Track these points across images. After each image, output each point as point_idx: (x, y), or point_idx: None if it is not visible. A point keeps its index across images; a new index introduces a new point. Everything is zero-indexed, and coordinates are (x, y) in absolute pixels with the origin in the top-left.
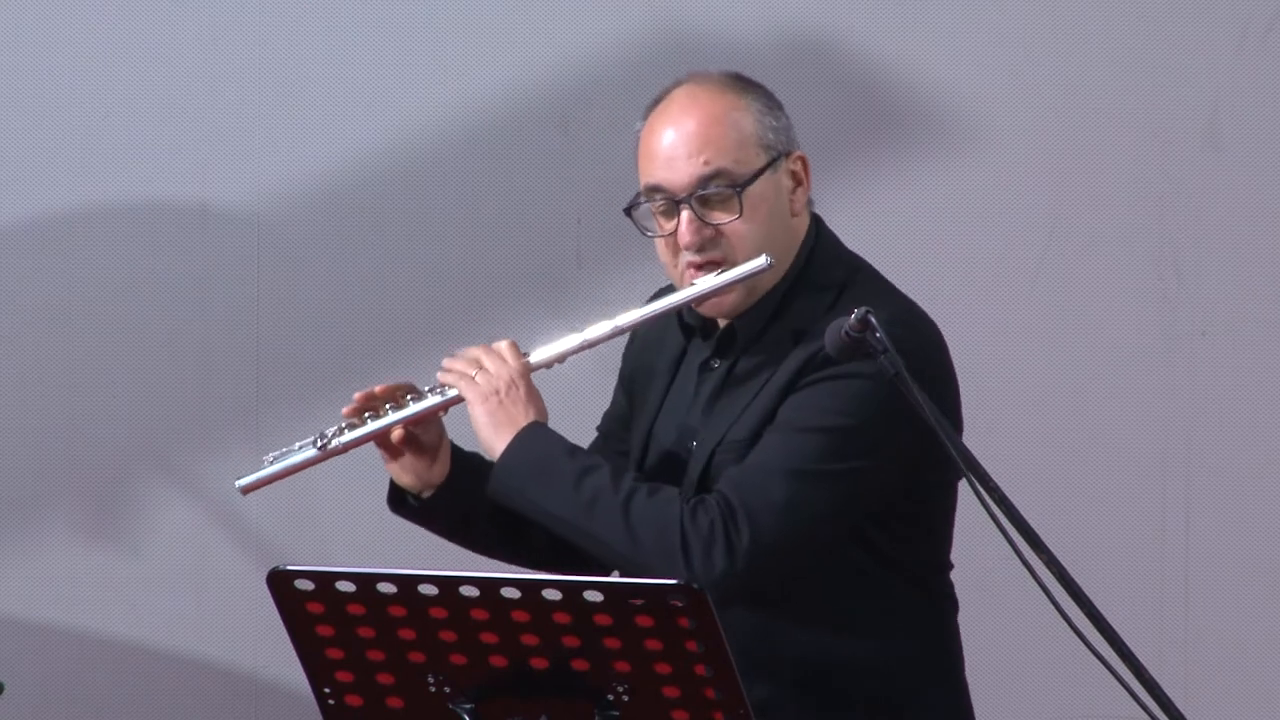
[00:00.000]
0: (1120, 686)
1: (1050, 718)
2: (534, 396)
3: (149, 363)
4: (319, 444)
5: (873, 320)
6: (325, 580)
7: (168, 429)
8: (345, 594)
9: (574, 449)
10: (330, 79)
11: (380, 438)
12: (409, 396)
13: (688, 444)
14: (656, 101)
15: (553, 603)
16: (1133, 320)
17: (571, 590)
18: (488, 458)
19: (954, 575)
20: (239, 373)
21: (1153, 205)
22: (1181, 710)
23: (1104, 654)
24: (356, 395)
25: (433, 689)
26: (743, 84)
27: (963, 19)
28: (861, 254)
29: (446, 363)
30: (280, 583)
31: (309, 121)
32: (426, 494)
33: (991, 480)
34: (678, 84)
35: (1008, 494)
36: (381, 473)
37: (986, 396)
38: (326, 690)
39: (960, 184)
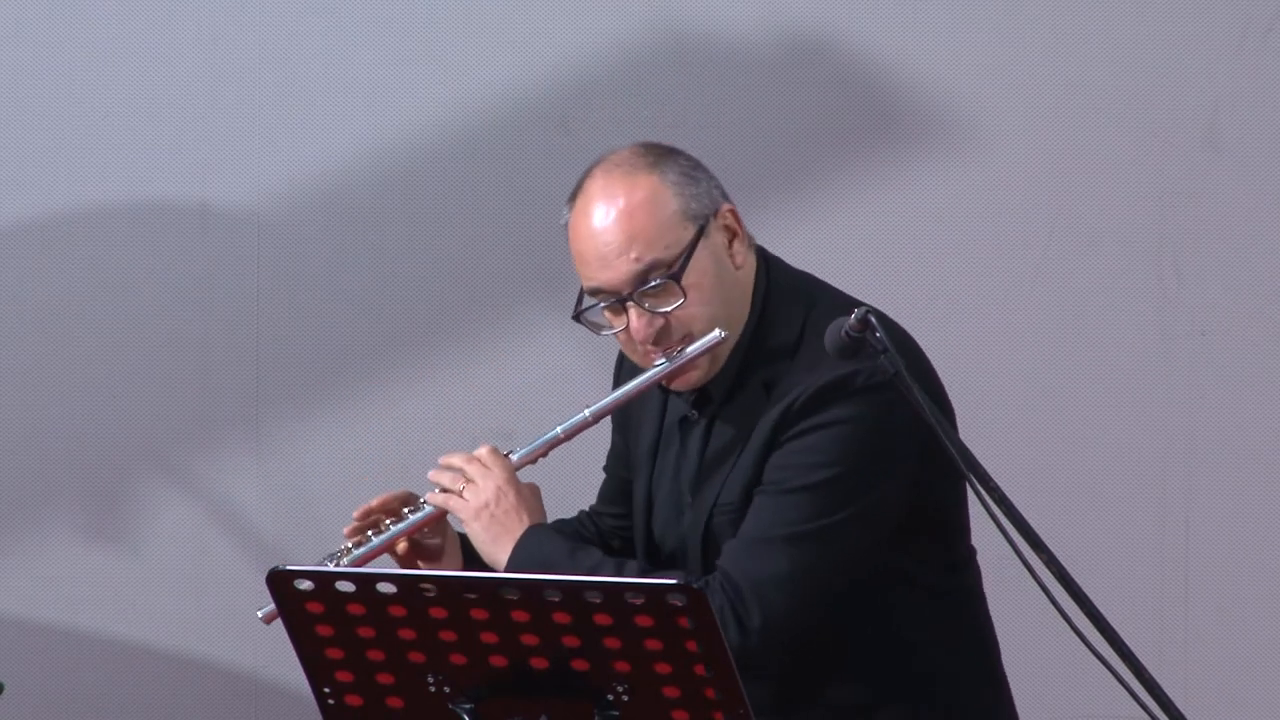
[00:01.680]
0: (1120, 686)
1: (1050, 717)
2: (524, 498)
3: (149, 363)
4: (328, 566)
5: (872, 320)
6: (325, 580)
7: (168, 429)
8: (345, 594)
9: (574, 549)
10: (330, 79)
11: (388, 550)
12: (406, 509)
13: (685, 496)
14: (574, 195)
15: (552, 603)
16: (1132, 320)
17: (571, 590)
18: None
19: None
20: (239, 373)
21: (1152, 205)
22: (1181, 710)
23: (1104, 654)
24: (355, 514)
25: (433, 689)
26: (654, 157)
27: (962, 19)
28: (860, 257)
29: (439, 466)
30: (280, 583)
31: (309, 121)
32: None
33: (991, 480)
34: (589, 174)
35: (1007, 493)
36: (383, 473)
37: (986, 396)
38: (326, 690)
39: (960, 184)
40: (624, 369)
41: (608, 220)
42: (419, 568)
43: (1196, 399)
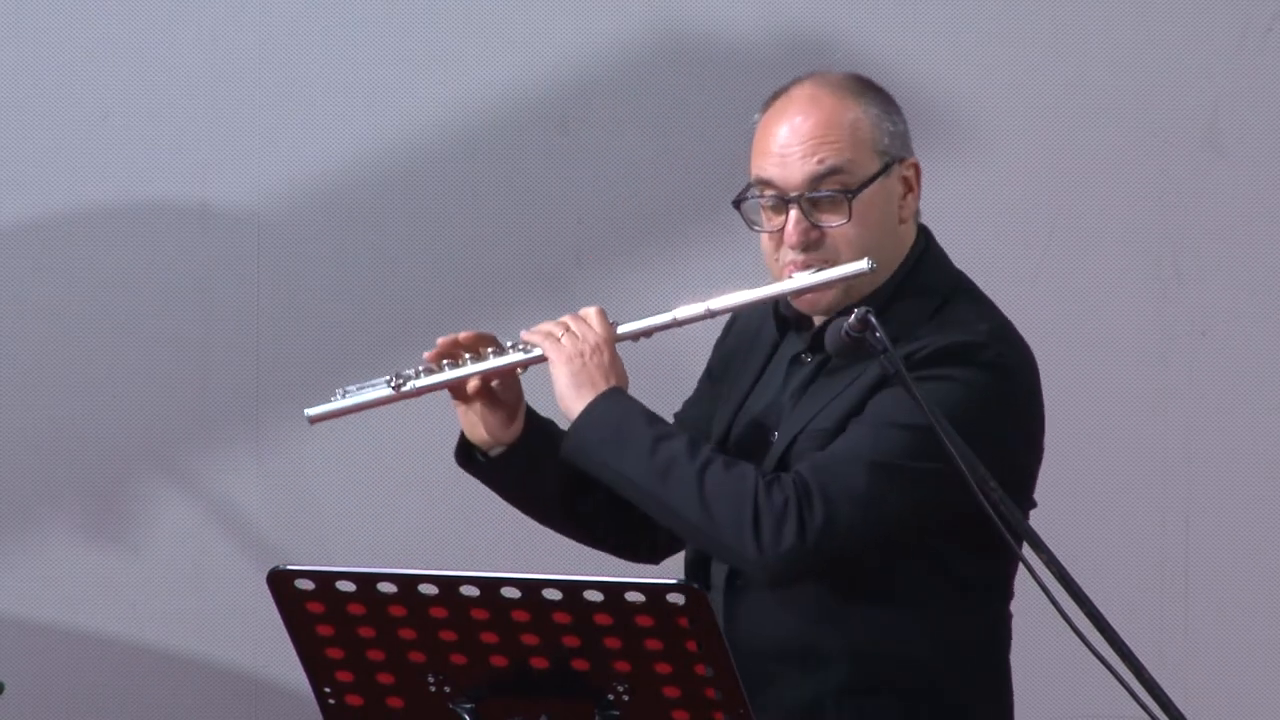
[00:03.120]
0: (1120, 686)
1: (1050, 717)
2: (617, 364)
3: (149, 363)
4: (394, 384)
5: (872, 320)
6: (325, 580)
7: (168, 428)
8: (345, 594)
9: (653, 416)
10: (330, 78)
11: (455, 386)
12: (490, 350)
13: (770, 433)
14: (775, 96)
15: (553, 602)
16: (1132, 320)
17: (571, 590)
18: (562, 425)
19: None
20: (239, 372)
21: (1152, 205)
22: (1181, 710)
23: (1104, 654)
24: (440, 340)
25: (433, 689)
26: (863, 86)
27: (963, 19)
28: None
29: (526, 333)
30: (280, 582)
31: (309, 121)
32: (495, 451)
33: (991, 479)
34: (798, 81)
35: (1006, 493)
36: (385, 472)
37: None
38: (327, 690)
39: (960, 184)
40: (730, 339)
41: (805, 123)
42: (480, 419)
43: (1197, 399)
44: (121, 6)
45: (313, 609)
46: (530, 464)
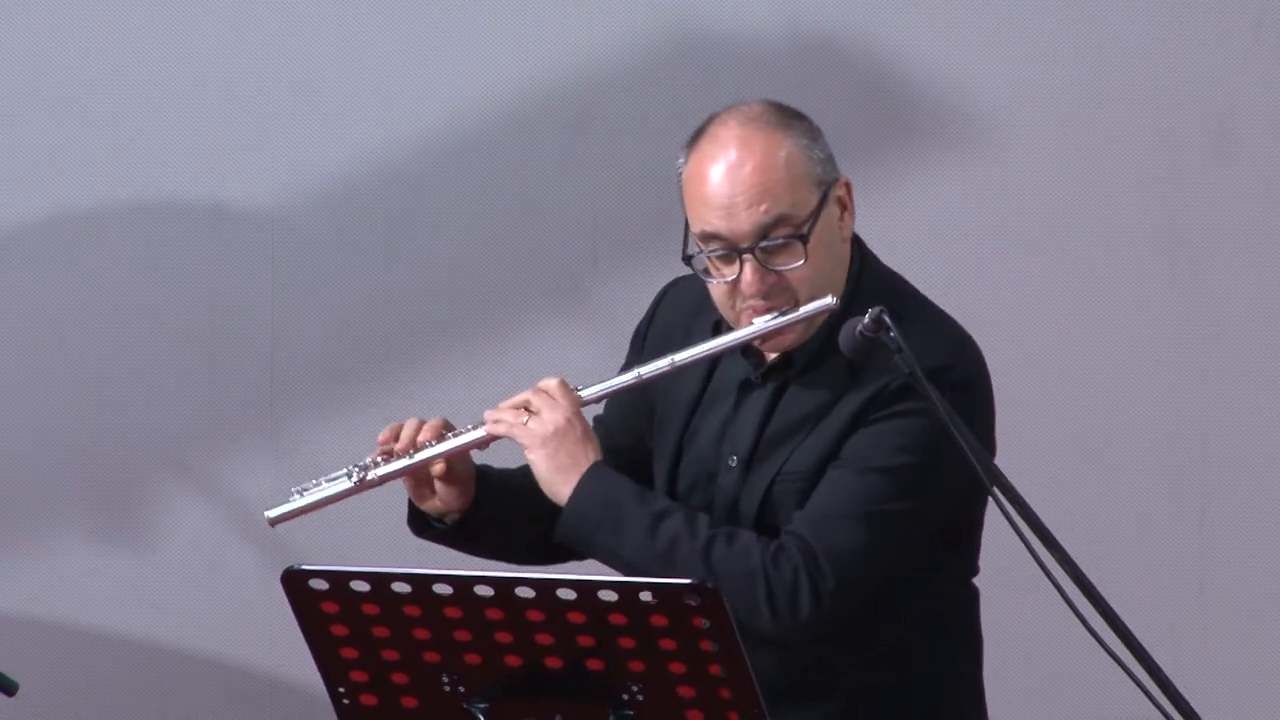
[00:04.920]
0: (1136, 687)
1: (1064, 717)
2: (589, 435)
3: (164, 363)
4: (355, 476)
5: (887, 320)
6: (340, 580)
7: (183, 429)
8: (360, 594)
9: (641, 491)
10: (345, 79)
11: (418, 471)
12: (448, 433)
13: (727, 458)
14: (698, 137)
15: (567, 602)
16: (1145, 320)
17: (586, 590)
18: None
19: None
20: (254, 373)
21: (1165, 205)
22: (1197, 711)
23: (1119, 654)
24: (394, 438)
25: (447, 689)
26: (786, 117)
27: (975, 20)
28: (874, 254)
29: (491, 414)
30: (295, 582)
31: (324, 122)
32: (451, 518)
33: (1006, 479)
34: (720, 120)
35: (1021, 494)
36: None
37: (999, 396)
38: (341, 690)
39: (973, 184)
40: (655, 325)
41: (742, 170)
42: (434, 494)
43: (1210, 400)
44: (136, 6)
45: (327, 609)
46: (489, 521)
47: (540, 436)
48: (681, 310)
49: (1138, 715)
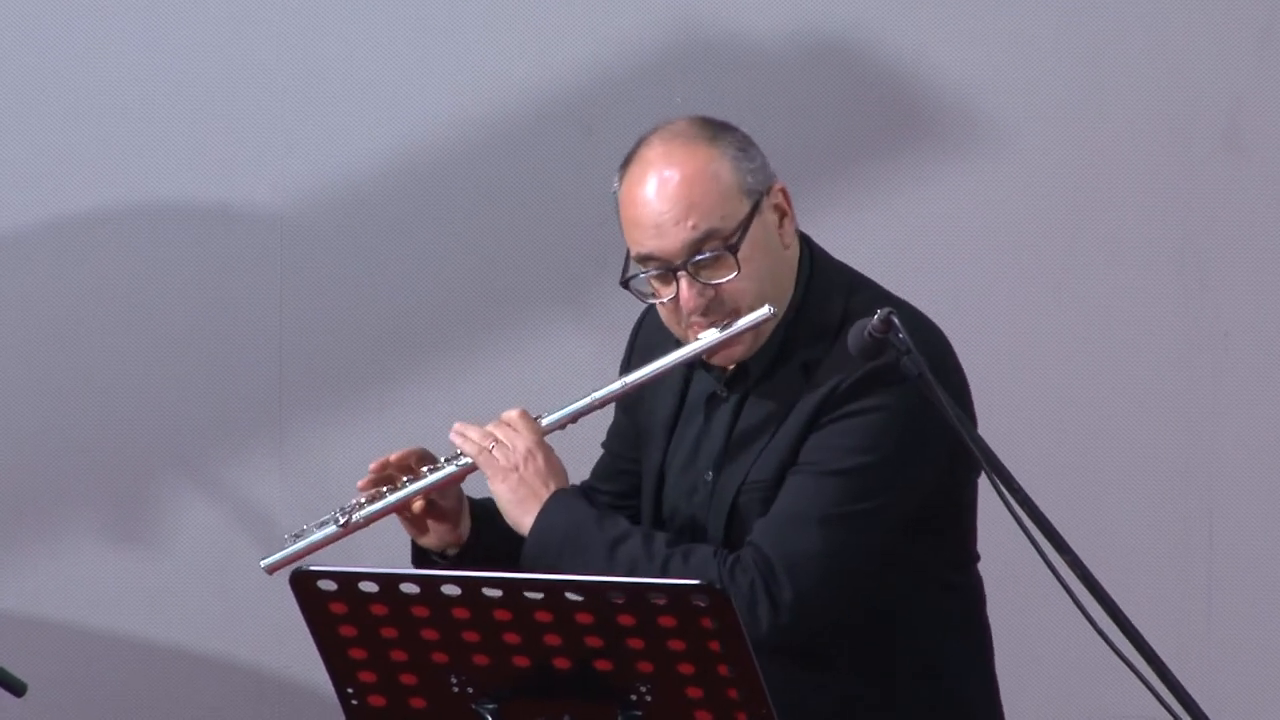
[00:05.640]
0: (1143, 686)
1: (1073, 717)
2: (552, 463)
3: (172, 363)
4: (340, 521)
5: (895, 321)
6: (348, 581)
7: (191, 429)
8: (368, 594)
9: (601, 516)
10: (352, 79)
11: (401, 509)
12: (425, 467)
13: (703, 475)
14: (629, 161)
15: (575, 603)
16: (1155, 321)
17: (594, 591)
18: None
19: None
20: (262, 373)
21: (1174, 207)
22: (1204, 710)
23: (1127, 654)
24: (371, 466)
25: (455, 689)
26: (712, 130)
27: (982, 20)
28: (881, 258)
29: (459, 428)
30: (303, 583)
31: (331, 121)
32: (451, 552)
33: (1015, 481)
34: (646, 141)
35: (1031, 495)
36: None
37: (1009, 400)
38: (349, 690)
39: (981, 186)
40: (639, 342)
41: (666, 188)
42: (429, 530)
43: (1219, 401)
44: (143, 5)
45: (336, 610)
46: (489, 551)
47: (502, 469)
48: (656, 335)
49: (1146, 717)
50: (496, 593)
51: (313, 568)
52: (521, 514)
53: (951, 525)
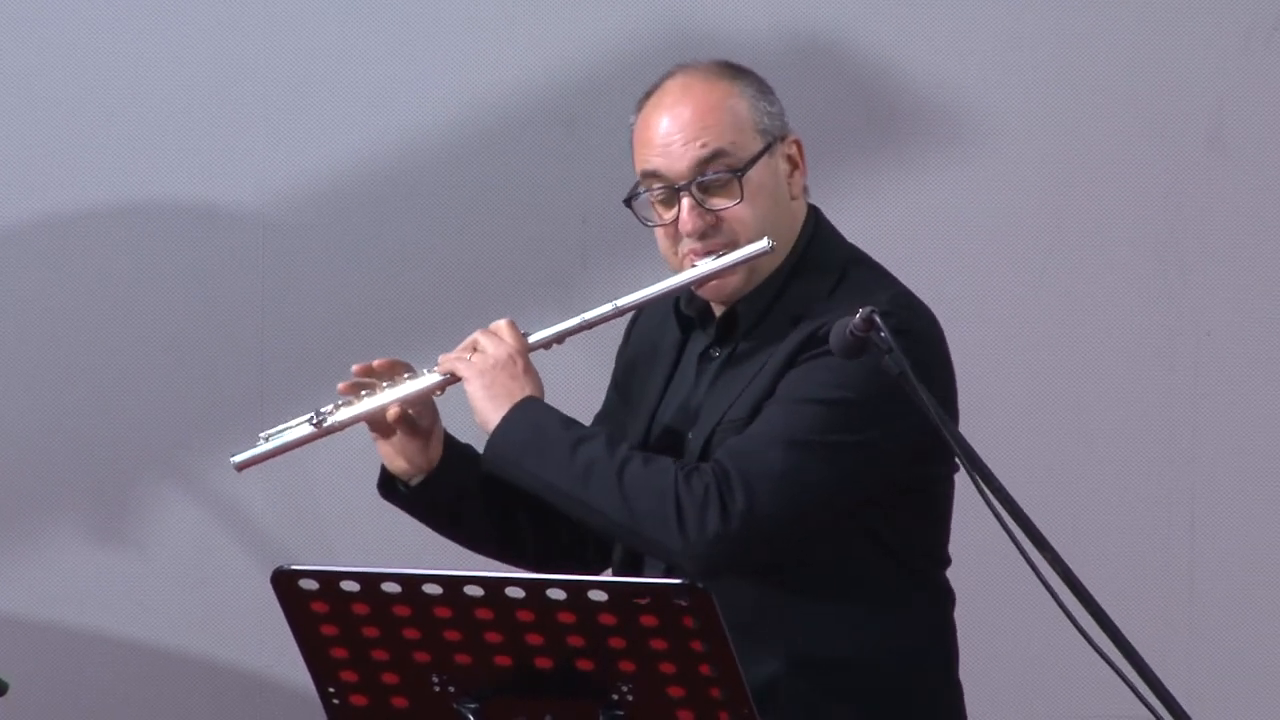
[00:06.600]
0: (1124, 685)
1: (1053, 716)
2: (531, 373)
3: (154, 363)
4: (315, 421)
5: (877, 320)
6: (329, 580)
7: (172, 428)
8: (349, 594)
9: (569, 421)
10: (336, 77)
11: (375, 417)
12: (406, 375)
13: (687, 429)
14: (649, 93)
15: (557, 602)
16: (1137, 319)
17: (576, 590)
18: (482, 448)
19: (957, 572)
20: (244, 372)
21: (1157, 204)
22: (1185, 709)
23: (1108, 653)
24: (355, 368)
25: (437, 689)
26: (734, 70)
27: (968, 19)
28: (866, 252)
29: (443, 356)
30: (285, 582)
31: (314, 120)
32: (416, 480)
33: (995, 479)
34: (669, 75)
35: (1011, 492)
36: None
37: (990, 395)
38: (331, 690)
39: (965, 183)
40: (630, 348)
41: (681, 111)
42: (402, 443)
43: (1201, 398)
44: (128, 5)
45: (317, 609)
46: (453, 489)
47: (478, 368)
48: (651, 323)
49: (1127, 715)
50: (478, 591)
51: (294, 567)
52: (492, 412)
53: (924, 514)
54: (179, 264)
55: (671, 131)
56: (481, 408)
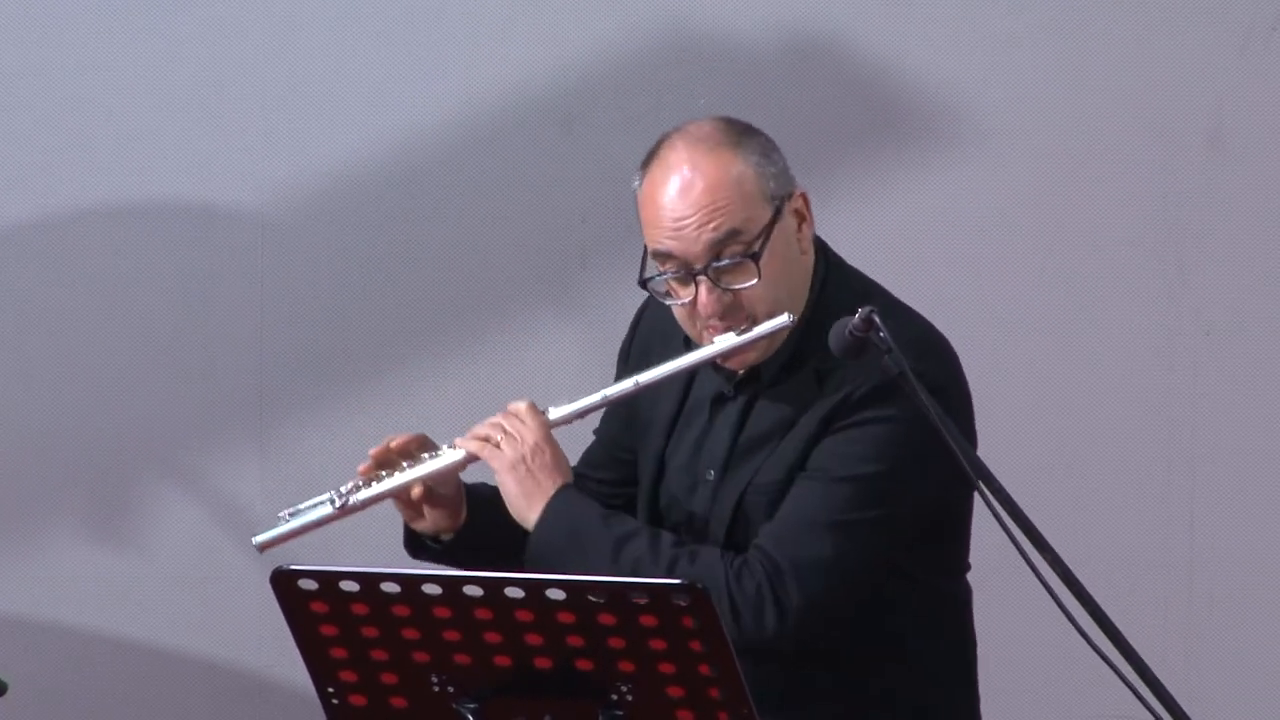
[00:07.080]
0: (1124, 686)
1: (1053, 716)
2: (559, 458)
3: (153, 363)
4: (336, 503)
5: (876, 320)
6: (329, 580)
7: (172, 429)
8: (349, 594)
9: (607, 514)
10: (334, 77)
11: (398, 495)
12: (425, 453)
13: (705, 474)
14: (651, 158)
15: (557, 603)
16: (1137, 319)
17: (575, 590)
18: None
19: None
20: (243, 372)
21: (1157, 204)
22: (1185, 710)
23: (1108, 654)
24: (372, 452)
25: (436, 689)
26: (737, 133)
27: (967, 20)
28: (866, 256)
29: (460, 441)
30: (284, 583)
31: (313, 120)
32: (445, 537)
33: (995, 480)
34: (669, 141)
35: (1012, 493)
36: None
37: (990, 395)
38: (330, 690)
39: (965, 184)
40: (642, 328)
41: (691, 192)
42: (425, 516)
43: (1201, 398)
44: (125, 5)
45: (316, 609)
46: (483, 537)
47: (509, 461)
48: (659, 327)
49: (1127, 716)
50: (477, 592)
51: (293, 567)
52: (528, 509)
53: (951, 537)
54: (178, 264)
55: (682, 213)
56: (517, 504)
